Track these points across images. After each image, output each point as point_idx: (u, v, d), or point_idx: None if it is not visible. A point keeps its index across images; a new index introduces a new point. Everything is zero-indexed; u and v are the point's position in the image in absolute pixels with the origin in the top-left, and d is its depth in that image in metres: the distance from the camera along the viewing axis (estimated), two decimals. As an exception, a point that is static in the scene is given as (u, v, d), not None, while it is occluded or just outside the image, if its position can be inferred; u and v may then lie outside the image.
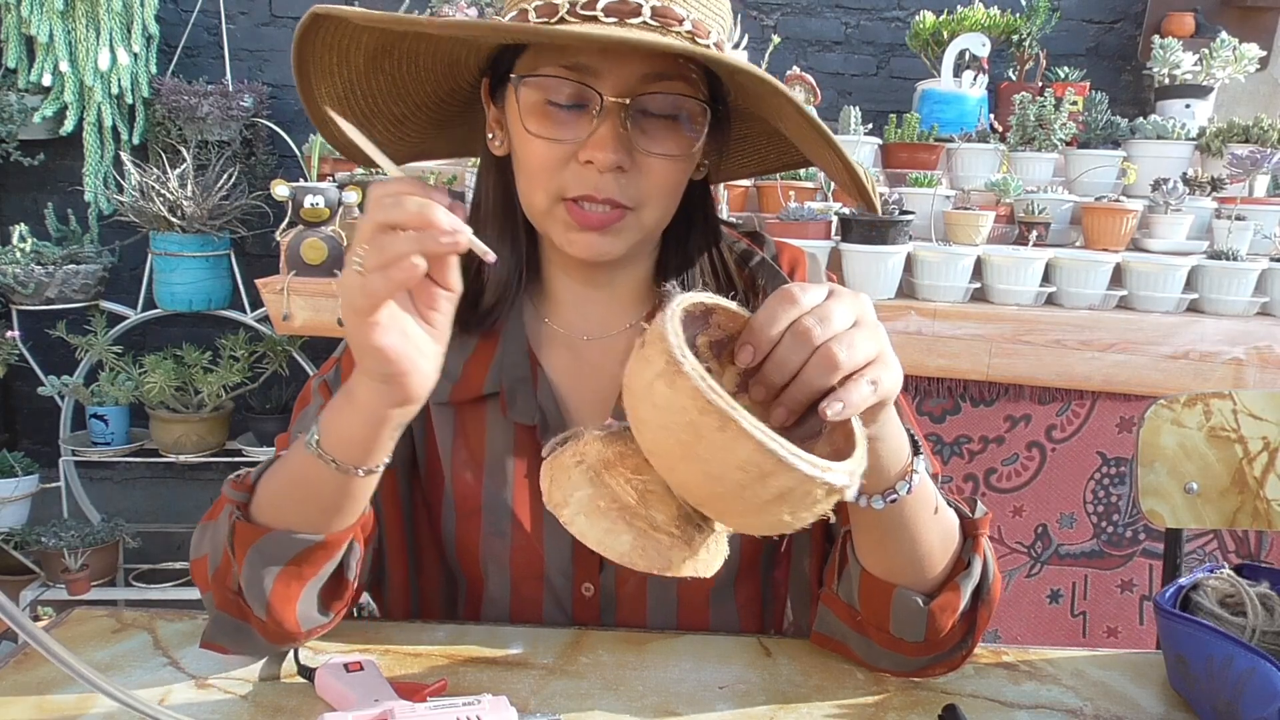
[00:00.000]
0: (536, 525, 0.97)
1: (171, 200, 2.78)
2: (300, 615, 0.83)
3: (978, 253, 2.24)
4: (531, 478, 0.97)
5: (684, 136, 0.88)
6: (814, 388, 0.64)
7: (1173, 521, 1.32)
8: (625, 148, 0.85)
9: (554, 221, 0.90)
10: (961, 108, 2.64)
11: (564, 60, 0.85)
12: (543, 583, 0.99)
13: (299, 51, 0.86)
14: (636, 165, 0.87)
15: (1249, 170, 2.32)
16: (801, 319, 0.65)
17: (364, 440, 0.76)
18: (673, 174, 0.90)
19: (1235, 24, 2.93)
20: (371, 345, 0.68)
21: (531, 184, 0.90)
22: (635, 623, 1.00)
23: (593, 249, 0.90)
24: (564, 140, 0.86)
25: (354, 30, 0.85)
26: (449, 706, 0.75)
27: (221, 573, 0.84)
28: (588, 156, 0.85)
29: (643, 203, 0.89)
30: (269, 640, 0.85)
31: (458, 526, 0.99)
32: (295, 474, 0.81)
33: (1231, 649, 0.78)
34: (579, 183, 0.87)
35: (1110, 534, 2.26)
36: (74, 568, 2.75)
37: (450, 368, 0.96)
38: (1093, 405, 2.19)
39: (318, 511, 0.80)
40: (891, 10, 3.33)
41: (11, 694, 0.81)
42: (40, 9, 2.83)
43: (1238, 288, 2.21)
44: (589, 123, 0.85)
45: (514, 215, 0.97)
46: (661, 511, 0.66)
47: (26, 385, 3.18)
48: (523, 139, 0.88)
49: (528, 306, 1.01)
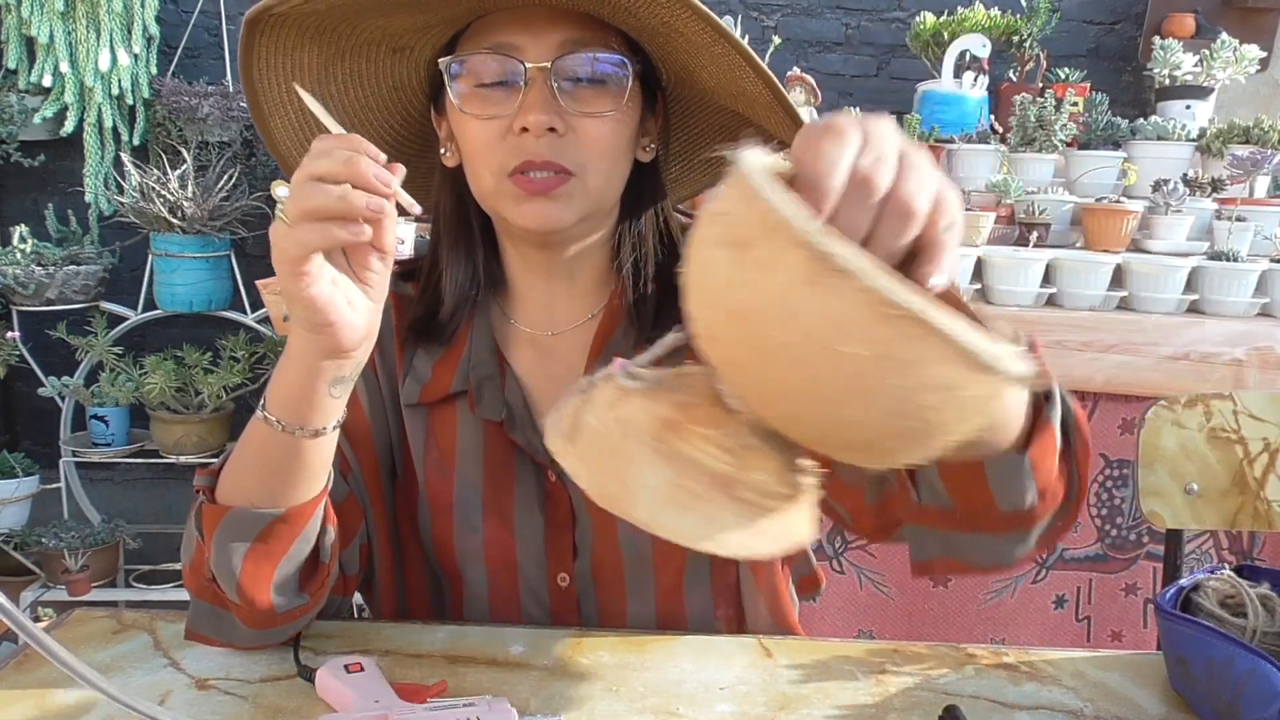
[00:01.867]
0: (507, 518, 0.99)
1: (172, 201, 2.78)
2: (274, 596, 0.84)
3: (978, 254, 2.24)
4: (500, 472, 0.99)
5: (610, 94, 0.91)
6: (892, 251, 0.51)
7: (1173, 522, 1.32)
8: (555, 110, 0.88)
9: (503, 198, 0.92)
10: (962, 109, 2.63)
11: (486, 42, 0.90)
12: (518, 575, 1.00)
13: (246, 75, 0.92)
14: (570, 128, 0.90)
15: (1249, 171, 2.32)
16: (859, 165, 0.51)
17: (301, 396, 0.77)
18: (607, 134, 0.92)
19: (1236, 25, 2.93)
20: (300, 295, 0.71)
21: (476, 167, 0.93)
22: (614, 610, 1.01)
23: (543, 216, 0.91)
24: (498, 116, 0.89)
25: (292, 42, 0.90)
26: (449, 708, 0.75)
27: (197, 561, 0.85)
28: (521, 123, 0.88)
29: (584, 165, 0.91)
30: (247, 625, 0.85)
31: (433, 524, 1.01)
32: (250, 446, 0.82)
33: (1232, 650, 0.78)
34: (517, 152, 0.89)
35: (1114, 537, 2.25)
36: (74, 569, 2.75)
37: (420, 370, 1.00)
38: (1094, 407, 2.19)
39: (274, 480, 0.81)
40: (892, 11, 3.33)
41: (12, 695, 0.81)
42: (41, 10, 2.83)
43: (1238, 289, 2.21)
44: (518, 95, 0.89)
45: (468, 223, 1.01)
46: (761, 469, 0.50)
47: (27, 386, 3.18)
48: (462, 125, 0.92)
49: (494, 309, 1.04)
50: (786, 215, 0.42)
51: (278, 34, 0.90)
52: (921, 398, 0.43)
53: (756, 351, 0.45)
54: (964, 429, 0.46)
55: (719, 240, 0.45)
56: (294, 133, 0.99)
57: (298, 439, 0.79)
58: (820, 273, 0.41)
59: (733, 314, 0.45)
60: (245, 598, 0.83)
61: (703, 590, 1.04)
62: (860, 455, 0.49)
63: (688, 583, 1.03)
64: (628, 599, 1.01)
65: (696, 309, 0.48)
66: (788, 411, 0.47)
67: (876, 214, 0.51)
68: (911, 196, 0.51)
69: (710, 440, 0.49)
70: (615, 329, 1.02)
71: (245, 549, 0.82)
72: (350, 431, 0.98)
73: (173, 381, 2.79)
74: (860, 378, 0.43)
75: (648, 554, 1.00)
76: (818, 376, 0.44)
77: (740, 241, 0.44)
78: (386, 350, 1.02)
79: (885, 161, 0.51)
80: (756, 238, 0.43)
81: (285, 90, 0.94)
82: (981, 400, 0.45)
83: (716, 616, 1.04)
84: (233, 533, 0.82)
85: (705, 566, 1.04)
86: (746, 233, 0.44)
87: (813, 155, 0.51)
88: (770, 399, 0.47)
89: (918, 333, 0.41)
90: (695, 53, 0.91)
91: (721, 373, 0.49)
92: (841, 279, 0.41)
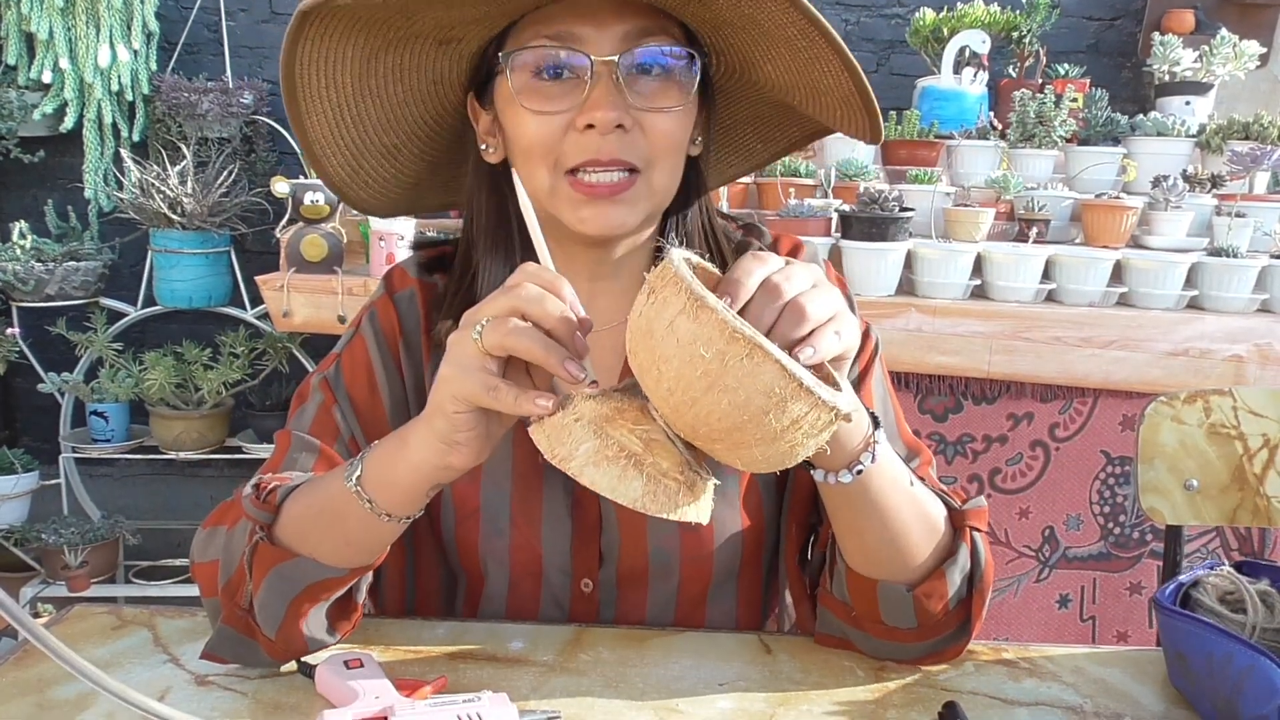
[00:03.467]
0: (535, 523, 0.97)
1: (171, 197, 2.78)
2: (308, 636, 0.84)
3: (978, 250, 2.24)
4: (529, 476, 0.98)
5: (678, 88, 0.88)
6: (786, 339, 0.66)
7: (1173, 519, 1.32)
8: (623, 105, 0.85)
9: (560, 200, 0.89)
10: (961, 105, 2.63)
11: (546, 32, 0.86)
12: (541, 579, 0.99)
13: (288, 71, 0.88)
14: (637, 123, 0.87)
15: (1249, 167, 2.32)
16: (771, 276, 0.68)
17: (405, 490, 0.77)
18: (674, 129, 0.89)
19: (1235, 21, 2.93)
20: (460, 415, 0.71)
21: (532, 163, 0.89)
22: (634, 617, 1.00)
23: (606, 221, 0.89)
24: (561, 110, 0.86)
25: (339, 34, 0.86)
26: (449, 704, 0.75)
27: (233, 587, 0.84)
28: (587, 120, 0.85)
29: (651, 162, 0.89)
30: (273, 657, 0.85)
31: (457, 528, 0.99)
32: (327, 505, 0.81)
33: (1231, 646, 0.78)
34: (580, 150, 0.86)
35: (1117, 535, 2.25)
36: (74, 565, 2.75)
37: None
38: (1095, 403, 2.19)
39: (344, 545, 0.81)
40: (891, 7, 3.33)
41: (12, 691, 0.82)
42: (40, 6, 2.83)
43: (1238, 284, 2.21)
44: (581, 89, 0.85)
45: (508, 225, 0.96)
46: (666, 459, 0.69)
47: (26, 382, 3.18)
48: (519, 120, 0.88)
49: None
50: (684, 275, 0.63)
51: (327, 24, 0.85)
52: (756, 401, 0.62)
53: (659, 360, 0.64)
54: (798, 439, 0.64)
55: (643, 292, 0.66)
56: (330, 128, 0.95)
57: (381, 520, 0.79)
58: (695, 308, 0.62)
59: (643, 334, 0.65)
60: (284, 638, 0.83)
61: (727, 602, 1.04)
62: (723, 448, 0.67)
63: (712, 593, 1.02)
64: (649, 606, 1.01)
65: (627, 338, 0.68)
66: (671, 405, 0.65)
67: (778, 312, 0.67)
68: (808, 303, 0.67)
69: (633, 432, 0.69)
70: None
71: (295, 593, 0.82)
72: (368, 429, 0.96)
73: (172, 377, 2.78)
74: (711, 375, 0.62)
75: (675, 564, 0.99)
76: (686, 376, 0.63)
77: (650, 290, 0.65)
78: (413, 346, 1.00)
79: (793, 280, 0.68)
80: (661, 286, 0.64)
81: (325, 84, 0.90)
82: (807, 419, 0.63)
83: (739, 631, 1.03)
84: (289, 579, 0.81)
85: (732, 579, 1.03)
86: (657, 284, 0.65)
87: (742, 269, 0.68)
88: (661, 396, 0.66)
89: (751, 349, 0.61)
90: (772, 45, 0.88)
91: (639, 380, 0.68)
92: (708, 313, 0.61)
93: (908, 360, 2.17)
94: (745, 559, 1.02)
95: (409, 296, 1.01)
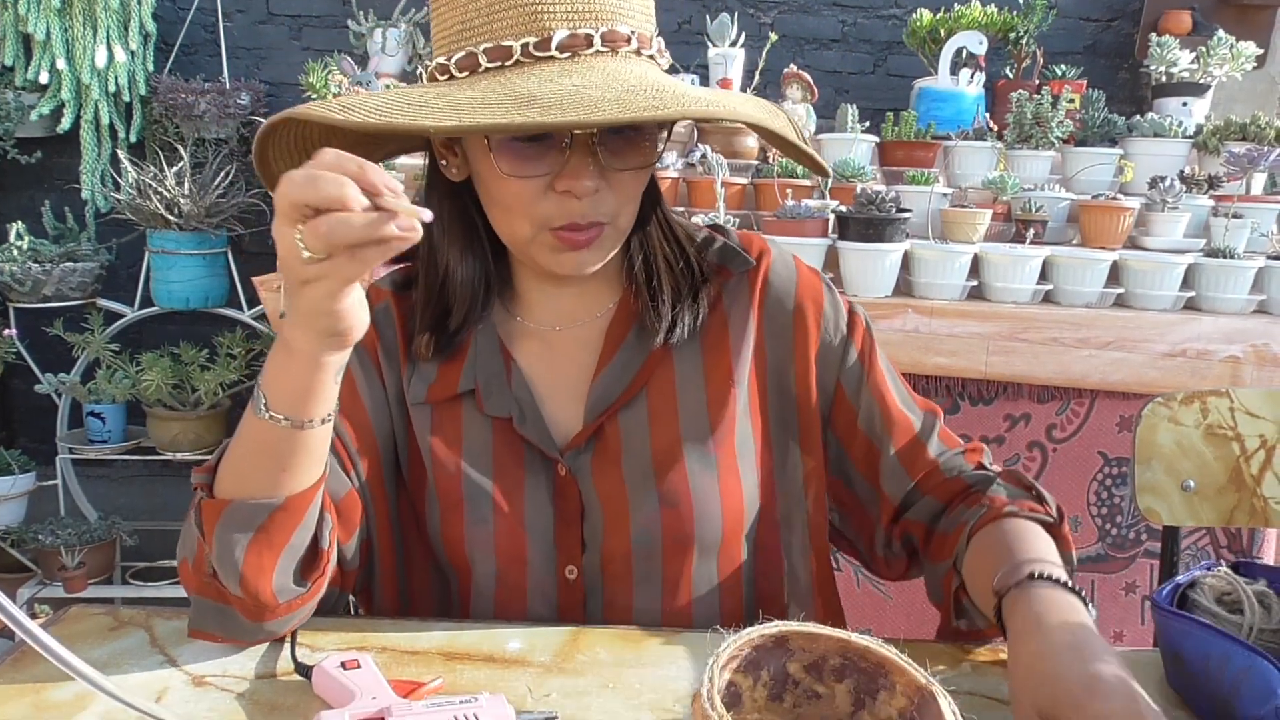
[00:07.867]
0: (517, 509, 0.99)
1: (168, 198, 2.78)
2: (276, 586, 0.84)
3: (975, 250, 2.24)
4: (510, 467, 1.00)
5: (649, 143, 0.93)
6: None
7: (1170, 519, 1.32)
8: (598, 172, 0.90)
9: (539, 247, 0.95)
10: (958, 105, 2.63)
11: None
12: (526, 567, 1.00)
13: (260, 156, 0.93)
14: (608, 182, 0.91)
15: (1246, 168, 2.32)
16: None
17: (309, 389, 0.79)
18: (641, 182, 0.96)
19: (1232, 22, 2.93)
20: (332, 309, 0.72)
21: (512, 217, 0.94)
22: (620, 605, 1.01)
23: (579, 264, 0.95)
24: (539, 175, 0.90)
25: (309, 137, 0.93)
26: (446, 705, 0.75)
27: (198, 558, 0.86)
28: (565, 187, 0.90)
29: (617, 213, 0.95)
30: (248, 618, 0.86)
31: (442, 520, 1.01)
32: (250, 442, 0.83)
33: (1229, 647, 0.78)
34: (562, 212, 0.91)
35: (1114, 536, 2.25)
36: (71, 565, 2.75)
37: (425, 370, 1.02)
38: (1092, 404, 2.19)
39: (276, 472, 0.82)
40: (888, 8, 3.33)
41: (9, 692, 0.81)
42: (37, 6, 2.83)
43: (1235, 285, 2.21)
44: (559, 154, 0.89)
45: (475, 233, 1.02)
46: None
47: (23, 383, 3.18)
48: (496, 178, 0.92)
49: (498, 307, 1.05)
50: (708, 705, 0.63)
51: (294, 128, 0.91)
52: None
53: None
54: None
55: None
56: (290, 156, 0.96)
57: (303, 430, 0.80)
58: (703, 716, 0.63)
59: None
60: (248, 589, 0.83)
61: (711, 587, 1.04)
62: None
63: (696, 579, 1.03)
64: (634, 593, 1.01)
65: None
66: None
67: None
68: None
69: None
70: (628, 331, 1.03)
71: (247, 540, 0.82)
72: (353, 430, 0.99)
73: (169, 378, 2.78)
74: None
75: (658, 549, 1.00)
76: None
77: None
78: (391, 354, 1.03)
79: None
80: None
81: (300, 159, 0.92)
82: None
83: (722, 613, 1.04)
84: (234, 525, 0.82)
85: (713, 563, 1.04)
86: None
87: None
88: None
89: None
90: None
91: None
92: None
93: (905, 361, 2.17)
94: (726, 539, 1.02)
95: (384, 309, 1.05)
